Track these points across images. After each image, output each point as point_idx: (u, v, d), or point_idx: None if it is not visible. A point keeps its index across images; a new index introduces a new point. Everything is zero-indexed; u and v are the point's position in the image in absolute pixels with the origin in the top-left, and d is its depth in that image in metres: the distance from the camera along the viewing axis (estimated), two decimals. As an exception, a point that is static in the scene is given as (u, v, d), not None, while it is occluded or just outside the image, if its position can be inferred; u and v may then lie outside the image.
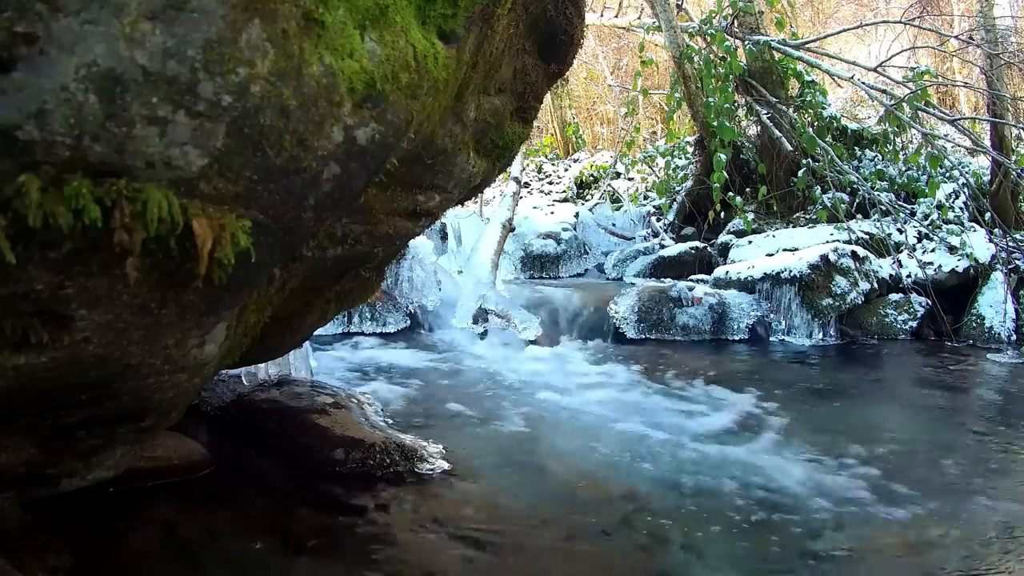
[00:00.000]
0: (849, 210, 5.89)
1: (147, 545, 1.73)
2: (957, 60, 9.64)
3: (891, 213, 5.76)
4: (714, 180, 6.13)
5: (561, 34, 1.77)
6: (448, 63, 1.17)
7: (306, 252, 1.39)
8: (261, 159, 0.90)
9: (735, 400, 3.26)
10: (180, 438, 2.17)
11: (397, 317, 4.53)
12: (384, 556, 1.74)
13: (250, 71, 0.84)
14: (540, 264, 6.80)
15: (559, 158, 11.83)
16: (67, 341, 0.91)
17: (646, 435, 2.70)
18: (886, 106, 5.88)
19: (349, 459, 2.23)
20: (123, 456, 1.31)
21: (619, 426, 2.81)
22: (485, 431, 2.73)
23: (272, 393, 2.59)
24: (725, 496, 2.17)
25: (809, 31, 10.24)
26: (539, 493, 2.15)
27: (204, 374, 1.26)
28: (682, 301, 4.79)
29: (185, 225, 0.85)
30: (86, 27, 0.75)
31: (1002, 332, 4.88)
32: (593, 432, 2.74)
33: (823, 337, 4.83)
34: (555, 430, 2.75)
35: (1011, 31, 7.79)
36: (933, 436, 2.79)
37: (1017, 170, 5.79)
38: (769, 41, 6.50)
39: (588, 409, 3.03)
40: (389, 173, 1.24)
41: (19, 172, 0.75)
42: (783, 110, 6.48)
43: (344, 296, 1.88)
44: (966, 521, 2.07)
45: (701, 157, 7.05)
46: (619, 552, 1.82)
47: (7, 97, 0.73)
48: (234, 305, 1.15)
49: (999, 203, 5.90)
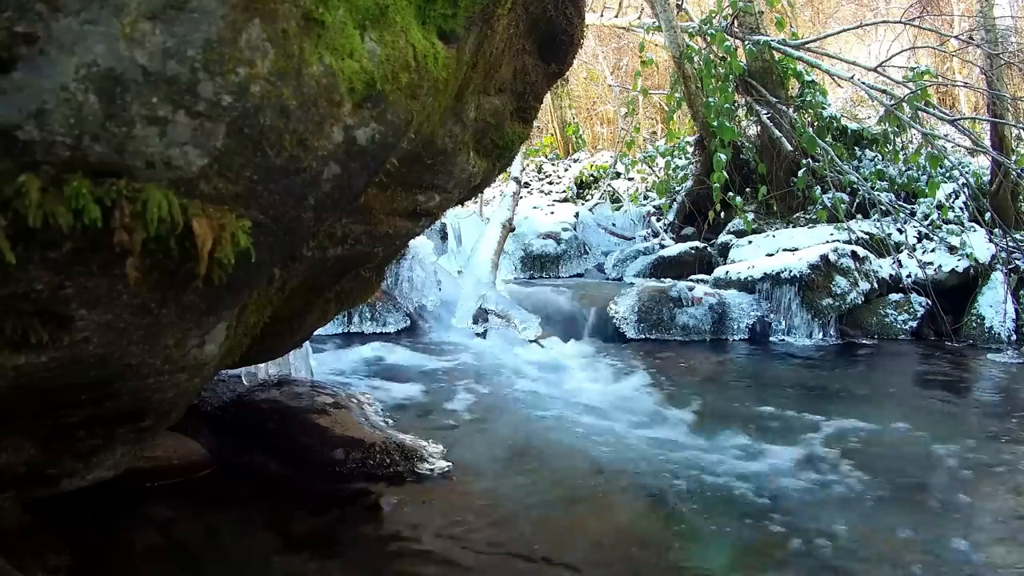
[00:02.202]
0: (849, 210, 5.89)
1: (147, 545, 1.73)
2: (957, 60, 9.64)
3: (891, 213, 5.76)
4: (714, 180, 6.13)
5: (561, 34, 1.77)
6: (448, 63, 1.17)
7: (306, 252, 1.39)
8: (261, 159, 0.90)
9: (735, 400, 3.26)
10: (180, 438, 2.17)
11: (397, 317, 4.53)
12: (384, 556, 1.74)
13: (250, 71, 0.84)
14: (540, 264, 6.80)
15: (559, 158, 11.83)
16: (67, 341, 0.91)
17: (646, 435, 2.70)
18: (886, 106, 5.88)
19: (349, 459, 2.23)
20: (123, 456, 1.31)
21: (619, 426, 2.81)
22: (485, 431, 2.73)
23: (272, 393, 2.59)
24: (726, 495, 2.17)
25: (809, 31, 10.24)
26: (539, 493, 2.15)
27: (204, 374, 1.26)
28: (682, 301, 4.79)
29: (185, 225, 0.85)
30: (86, 27, 0.75)
31: (1002, 332, 4.88)
32: (593, 432, 2.74)
33: (823, 337, 4.83)
34: (555, 430, 2.75)
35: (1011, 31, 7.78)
36: (933, 436, 2.79)
37: (1017, 170, 5.79)
38: (769, 41, 6.50)
39: (588, 409, 3.03)
40: (389, 173, 1.24)
41: (19, 172, 0.75)
42: (783, 110, 6.48)
43: (344, 296, 1.88)
44: (966, 521, 2.07)
45: (701, 157, 7.05)
46: (620, 552, 1.82)
47: (7, 97, 0.73)
48: (234, 305, 1.15)
49: (999, 203, 5.90)
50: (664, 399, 3.25)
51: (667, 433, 2.74)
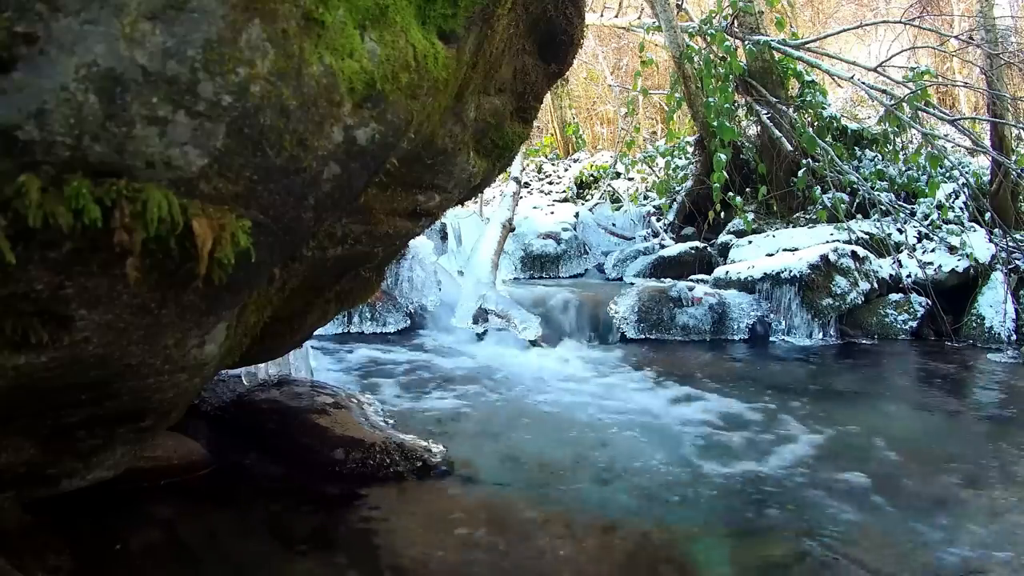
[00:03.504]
0: (849, 210, 5.88)
1: (147, 545, 1.73)
2: (957, 60, 9.65)
3: (891, 213, 5.76)
4: (714, 180, 6.13)
5: (561, 34, 1.77)
6: (448, 63, 1.17)
7: (306, 252, 1.39)
8: (261, 159, 0.90)
9: (736, 400, 3.25)
10: (180, 438, 2.17)
11: (397, 317, 4.53)
12: (384, 556, 1.74)
13: (250, 71, 0.84)
14: (540, 264, 6.80)
15: (559, 158, 11.83)
16: (67, 341, 0.91)
17: (646, 435, 2.70)
18: (886, 106, 5.88)
19: (349, 459, 2.23)
20: (123, 456, 1.31)
21: (619, 426, 2.81)
22: (485, 431, 2.73)
23: (272, 393, 2.59)
24: (726, 494, 2.17)
25: (809, 31, 10.24)
26: (539, 493, 2.15)
27: (204, 374, 1.26)
28: (682, 301, 4.79)
29: (185, 225, 0.85)
30: (86, 27, 0.75)
31: (1002, 332, 4.88)
32: (593, 432, 2.74)
33: (823, 337, 4.83)
34: (555, 430, 2.75)
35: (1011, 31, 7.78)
36: (933, 436, 2.79)
37: (1017, 170, 5.79)
38: (769, 41, 6.50)
39: (588, 409, 3.03)
40: (389, 173, 1.24)
41: (19, 172, 0.75)
42: (783, 110, 6.48)
43: (344, 296, 1.88)
44: (967, 521, 2.07)
45: (701, 157, 7.05)
46: (621, 551, 1.82)
47: (7, 97, 0.73)
48: (234, 305, 1.15)
49: (999, 203, 5.90)
50: (664, 399, 3.25)
51: (667, 432, 2.74)
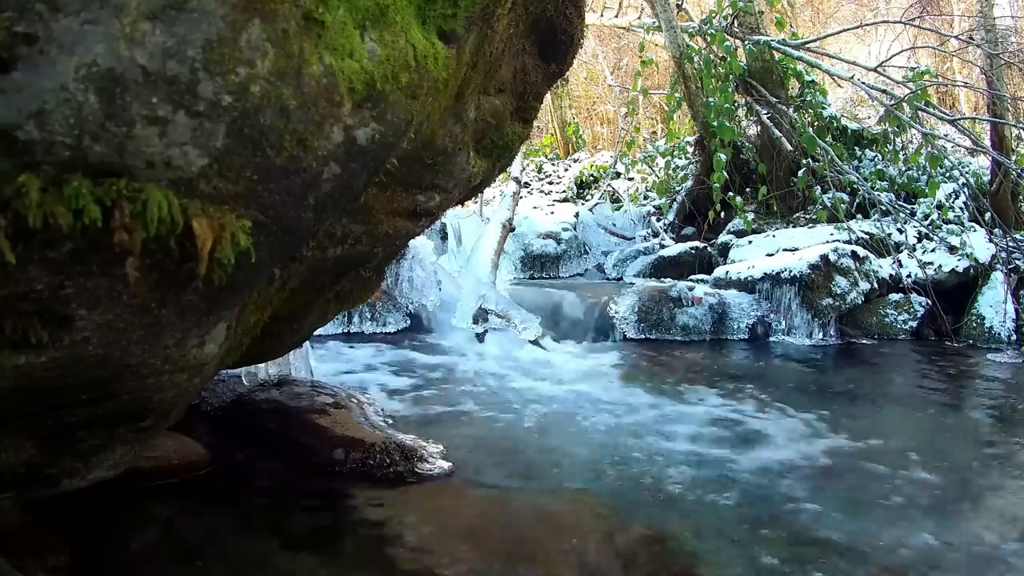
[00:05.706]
0: (849, 210, 5.89)
1: (147, 545, 1.73)
2: (957, 60, 9.64)
3: (891, 213, 5.76)
4: (714, 180, 6.13)
5: (561, 34, 1.77)
6: (448, 63, 1.17)
7: (306, 252, 1.39)
8: (261, 159, 0.90)
9: (735, 400, 3.26)
10: (180, 438, 2.17)
11: (397, 317, 4.53)
12: (384, 556, 1.74)
13: (250, 71, 0.84)
14: (540, 264, 6.80)
15: (559, 158, 11.83)
16: (67, 341, 0.91)
17: (646, 435, 2.70)
18: (886, 106, 5.88)
19: (349, 459, 2.23)
20: (123, 456, 1.31)
21: (619, 426, 2.81)
22: (485, 431, 2.73)
23: (272, 393, 2.59)
24: (726, 493, 2.17)
25: (809, 31, 10.24)
26: (540, 493, 2.15)
27: (204, 374, 1.26)
28: (682, 301, 4.79)
29: (185, 225, 0.85)
30: (86, 27, 0.75)
31: (1002, 332, 4.88)
32: (593, 432, 2.74)
33: (823, 337, 4.83)
34: (555, 430, 2.75)
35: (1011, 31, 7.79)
36: (933, 436, 2.79)
37: (1017, 170, 5.79)
38: (769, 41, 6.50)
39: (588, 409, 3.03)
40: (389, 173, 1.24)
41: (19, 172, 0.75)
42: (783, 110, 6.48)
43: (344, 296, 1.88)
44: (967, 521, 2.07)
45: (701, 157, 7.05)
46: (622, 551, 1.82)
47: (7, 97, 0.73)
48: (234, 305, 1.15)
49: (999, 203, 5.90)
50: (664, 399, 3.25)
51: (667, 432, 2.74)
